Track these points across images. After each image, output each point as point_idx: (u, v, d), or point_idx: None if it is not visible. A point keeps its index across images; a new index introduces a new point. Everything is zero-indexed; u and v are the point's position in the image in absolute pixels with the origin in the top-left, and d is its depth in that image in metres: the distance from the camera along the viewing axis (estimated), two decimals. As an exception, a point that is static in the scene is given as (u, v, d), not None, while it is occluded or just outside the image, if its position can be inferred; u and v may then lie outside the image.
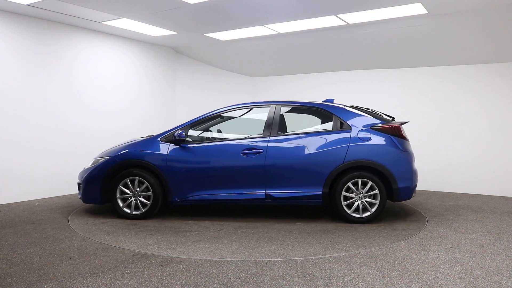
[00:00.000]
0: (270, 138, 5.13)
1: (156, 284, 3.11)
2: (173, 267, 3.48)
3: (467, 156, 7.25)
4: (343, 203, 4.99)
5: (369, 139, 4.99)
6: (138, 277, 3.26)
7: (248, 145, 5.12)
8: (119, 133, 7.55)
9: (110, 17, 6.30)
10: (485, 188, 7.06)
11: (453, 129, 7.40)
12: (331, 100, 5.58)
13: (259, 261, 3.65)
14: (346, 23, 6.25)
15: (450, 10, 5.59)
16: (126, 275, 3.30)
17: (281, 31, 6.84)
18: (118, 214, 5.22)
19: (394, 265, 3.53)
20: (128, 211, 5.19)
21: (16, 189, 6.20)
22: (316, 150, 5.04)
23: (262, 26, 6.57)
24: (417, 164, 5.41)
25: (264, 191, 5.06)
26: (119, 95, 7.62)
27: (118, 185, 5.17)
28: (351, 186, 4.97)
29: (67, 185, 6.84)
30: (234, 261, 3.64)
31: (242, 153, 5.10)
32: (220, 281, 3.19)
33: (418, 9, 5.51)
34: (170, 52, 8.54)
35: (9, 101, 6.09)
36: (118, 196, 5.19)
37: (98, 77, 7.28)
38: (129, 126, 7.76)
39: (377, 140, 5.00)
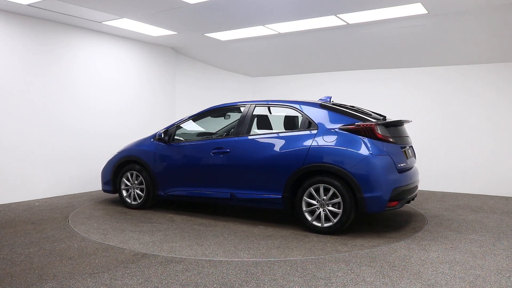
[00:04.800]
0: (238, 138, 5.07)
1: (156, 284, 3.11)
2: (173, 267, 3.48)
3: (467, 156, 7.25)
4: (305, 209, 4.58)
5: (334, 140, 4.47)
6: (138, 277, 3.26)
7: (217, 144, 5.16)
8: (119, 133, 7.55)
9: (110, 17, 6.30)
10: (485, 188, 7.06)
11: (453, 129, 7.40)
12: (328, 98, 5.30)
13: (259, 261, 3.65)
14: (346, 23, 6.25)
15: (450, 10, 5.59)
16: (126, 275, 3.30)
17: (281, 31, 6.84)
18: (122, 202, 6.00)
19: (394, 265, 3.53)
20: (129, 200, 5.87)
21: (16, 189, 6.19)
22: (277, 151, 4.74)
23: (262, 26, 6.57)
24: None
25: (229, 191, 5.05)
26: (119, 95, 7.62)
27: (122, 178, 5.90)
28: (313, 192, 4.52)
29: (67, 185, 6.85)
30: (234, 261, 3.65)
31: (212, 152, 5.16)
32: (220, 281, 3.19)
33: (418, 9, 5.50)
34: (170, 52, 8.54)
35: (9, 101, 6.09)
36: (122, 187, 5.91)
37: (98, 77, 7.27)
38: (129, 127, 7.76)
39: (343, 141, 4.43)
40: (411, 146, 5.19)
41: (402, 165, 4.61)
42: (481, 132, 7.14)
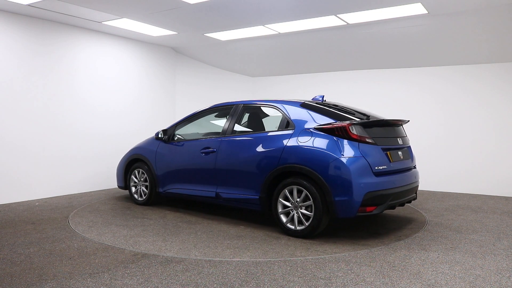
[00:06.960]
0: (223, 137, 5.12)
1: (156, 284, 3.11)
2: (173, 267, 3.48)
3: (467, 156, 7.25)
4: (280, 211, 4.47)
5: (308, 140, 4.32)
6: (138, 277, 3.26)
7: (206, 144, 5.26)
8: (119, 134, 7.55)
9: (110, 17, 6.30)
10: (485, 188, 7.06)
11: (453, 129, 7.40)
12: (321, 97, 5.12)
13: (259, 261, 3.65)
14: (346, 23, 6.25)
15: (450, 10, 5.59)
16: (126, 275, 3.30)
17: (281, 31, 6.84)
18: (131, 198, 6.29)
19: (394, 265, 3.53)
20: (136, 196, 6.16)
21: (16, 189, 6.19)
22: (256, 151, 4.70)
23: (262, 26, 6.57)
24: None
25: (215, 190, 5.11)
26: (119, 95, 7.62)
27: (131, 175, 6.20)
28: (287, 193, 4.42)
29: (67, 185, 6.84)
30: (234, 261, 3.65)
31: (201, 152, 5.25)
32: (220, 281, 3.19)
33: (418, 9, 5.50)
34: (170, 52, 8.54)
35: (9, 101, 6.09)
36: (131, 184, 6.21)
37: (98, 78, 7.27)
38: (129, 127, 7.76)
39: (316, 142, 4.27)
40: (408, 147, 4.99)
41: (381, 167, 4.27)
42: (481, 132, 7.14)
